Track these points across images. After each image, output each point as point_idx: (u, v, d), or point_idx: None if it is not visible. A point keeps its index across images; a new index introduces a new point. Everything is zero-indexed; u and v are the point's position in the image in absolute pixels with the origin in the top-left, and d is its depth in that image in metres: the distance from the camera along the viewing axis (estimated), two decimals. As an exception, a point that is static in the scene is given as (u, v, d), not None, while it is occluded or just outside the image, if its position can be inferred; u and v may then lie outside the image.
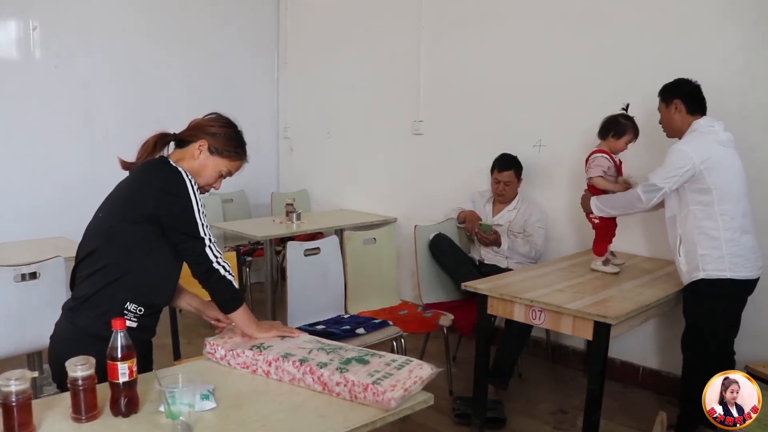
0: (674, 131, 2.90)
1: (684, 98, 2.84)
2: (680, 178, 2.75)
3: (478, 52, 4.28)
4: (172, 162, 1.86)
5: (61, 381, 1.71)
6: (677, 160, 2.75)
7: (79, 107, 4.68)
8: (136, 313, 1.83)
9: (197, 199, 1.81)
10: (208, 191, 1.98)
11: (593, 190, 3.17)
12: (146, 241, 1.81)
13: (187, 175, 1.82)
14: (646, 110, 3.16)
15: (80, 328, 1.80)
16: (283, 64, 5.85)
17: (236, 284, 1.87)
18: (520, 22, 4.04)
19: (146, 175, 1.84)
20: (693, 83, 2.87)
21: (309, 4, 5.58)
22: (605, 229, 3.19)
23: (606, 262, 3.19)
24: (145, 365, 1.91)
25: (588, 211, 3.17)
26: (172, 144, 1.97)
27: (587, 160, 3.18)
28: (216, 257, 1.82)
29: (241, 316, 1.88)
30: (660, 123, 2.96)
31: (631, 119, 3.12)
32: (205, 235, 1.81)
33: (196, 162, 1.91)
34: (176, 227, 1.80)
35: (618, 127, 3.11)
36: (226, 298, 1.87)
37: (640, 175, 3.10)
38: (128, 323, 1.79)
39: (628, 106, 3.13)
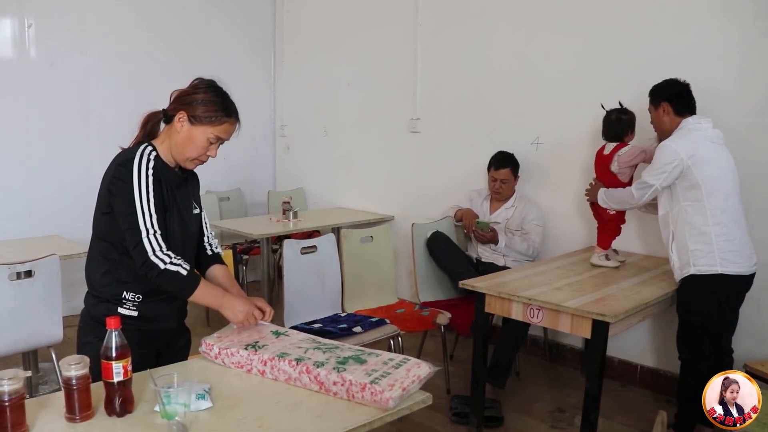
0: (664, 132, 2.92)
1: (672, 100, 2.86)
2: (669, 174, 2.76)
3: (475, 49, 4.27)
4: (141, 147, 1.80)
5: None
6: (664, 156, 2.77)
7: (75, 105, 4.66)
8: (134, 301, 1.83)
9: (144, 189, 1.74)
10: (205, 161, 1.90)
11: (605, 181, 3.14)
12: (119, 230, 1.78)
13: (141, 163, 1.76)
14: (642, 107, 3.15)
15: (89, 311, 1.86)
16: (280, 62, 5.83)
17: (184, 269, 1.76)
18: (518, 20, 4.02)
19: (110, 163, 1.83)
20: (681, 83, 2.88)
21: (305, 2, 5.56)
22: (617, 222, 3.19)
23: (607, 257, 3.19)
24: (164, 356, 1.89)
25: (594, 201, 3.17)
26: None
27: (611, 155, 3.11)
28: (154, 249, 1.72)
29: (200, 297, 1.81)
30: (651, 123, 2.98)
31: (631, 112, 3.14)
32: (146, 225, 1.72)
33: (180, 135, 1.83)
34: (117, 214, 1.76)
35: (633, 124, 3.13)
36: (175, 287, 1.79)
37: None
38: (128, 312, 1.81)
39: (620, 104, 3.15)
